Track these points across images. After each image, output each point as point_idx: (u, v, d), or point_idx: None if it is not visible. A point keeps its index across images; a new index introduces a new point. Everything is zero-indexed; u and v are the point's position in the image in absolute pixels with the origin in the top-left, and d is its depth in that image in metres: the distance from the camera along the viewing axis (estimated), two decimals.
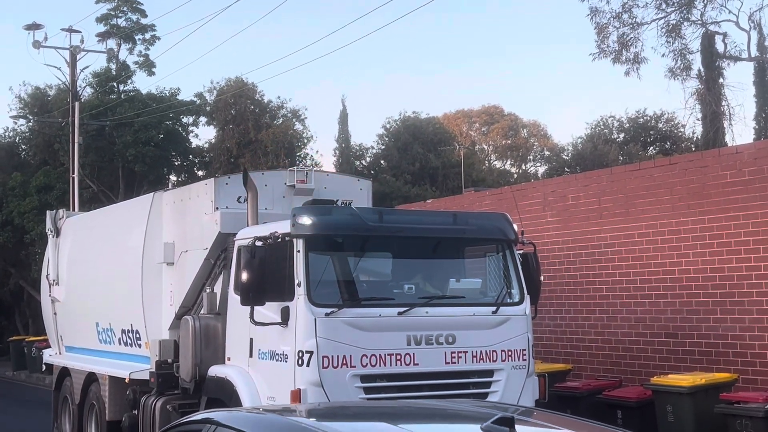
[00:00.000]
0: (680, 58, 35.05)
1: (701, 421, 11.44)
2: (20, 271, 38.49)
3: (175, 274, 12.59)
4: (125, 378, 12.96)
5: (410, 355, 9.77)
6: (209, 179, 12.34)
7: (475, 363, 10.04)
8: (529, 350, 10.38)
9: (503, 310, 10.30)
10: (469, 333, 10.05)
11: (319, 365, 9.45)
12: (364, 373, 9.62)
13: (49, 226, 16.72)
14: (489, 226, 10.68)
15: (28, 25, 32.97)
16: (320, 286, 9.73)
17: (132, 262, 13.11)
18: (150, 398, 12.20)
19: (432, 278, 10.66)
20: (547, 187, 17.04)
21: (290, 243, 9.81)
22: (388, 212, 10.92)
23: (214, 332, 11.26)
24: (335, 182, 12.74)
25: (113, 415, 13.62)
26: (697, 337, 13.40)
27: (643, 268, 14.26)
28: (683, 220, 13.63)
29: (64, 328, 16.08)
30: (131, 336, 13.31)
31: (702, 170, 13.50)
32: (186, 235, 12.41)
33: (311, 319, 9.50)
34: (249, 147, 37.68)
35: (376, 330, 9.72)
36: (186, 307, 12.29)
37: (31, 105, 39.50)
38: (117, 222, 14.80)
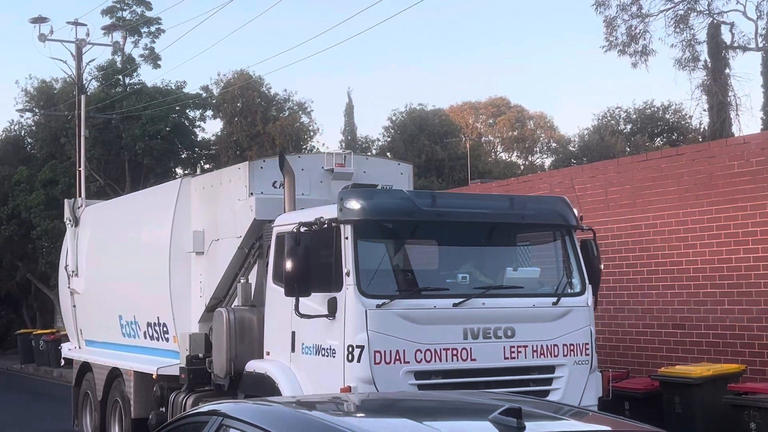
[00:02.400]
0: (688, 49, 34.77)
1: (709, 412, 11.16)
2: (27, 264, 38.47)
3: (205, 264, 12.01)
4: (152, 374, 12.38)
5: (467, 350, 9.17)
6: (242, 163, 11.73)
7: (535, 358, 9.45)
8: (592, 344, 9.76)
9: (564, 301, 9.69)
10: (528, 326, 9.45)
11: (370, 361, 8.86)
12: (419, 369, 9.01)
13: (67, 215, 16.15)
14: (548, 210, 10.06)
15: (33, 19, 32.72)
16: (370, 275, 9.14)
17: (158, 252, 12.57)
18: (180, 395, 11.61)
19: (487, 267, 10.02)
20: (554, 178, 16.76)
21: (337, 229, 9.23)
22: (441, 195, 10.29)
23: (250, 325, 10.67)
24: (375, 166, 12.13)
25: (139, 413, 13.06)
26: (705, 328, 13.15)
27: (651, 259, 14.01)
28: (690, 211, 13.39)
29: (84, 321, 15.51)
30: (158, 329, 12.75)
31: (709, 161, 13.24)
32: (217, 222, 11.81)
33: (361, 311, 8.91)
34: (256, 139, 37.70)
35: (430, 323, 9.13)
36: (217, 298, 11.72)
37: (37, 98, 39.47)
38: (142, 210, 14.24)
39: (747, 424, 10.52)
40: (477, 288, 9.52)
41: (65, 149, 36.14)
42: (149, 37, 39.95)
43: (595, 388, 9.72)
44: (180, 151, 39.34)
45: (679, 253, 13.54)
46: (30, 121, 40.39)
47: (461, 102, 54.47)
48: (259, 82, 39.32)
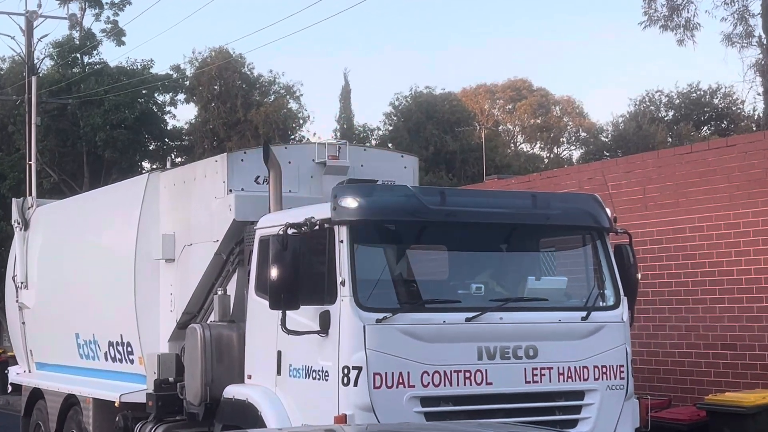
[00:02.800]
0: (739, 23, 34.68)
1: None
2: None
3: (177, 272, 12.00)
4: (114, 401, 12.35)
5: (482, 372, 9.08)
6: (220, 155, 11.66)
7: (562, 382, 9.36)
8: (628, 366, 9.68)
9: (595, 315, 9.60)
10: (554, 344, 9.38)
11: (369, 385, 8.78)
12: (426, 395, 8.94)
13: (15, 217, 16.12)
14: (576, 210, 9.97)
15: None
16: (369, 285, 9.08)
17: (122, 259, 12.55)
18: (147, 425, 11.61)
19: (505, 276, 9.98)
20: (583, 173, 16.77)
21: (331, 231, 9.17)
22: (452, 192, 10.21)
23: (229, 343, 10.61)
24: (374, 158, 12.11)
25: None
26: (759, 349, 13.17)
27: (696, 268, 14.03)
28: (743, 212, 13.41)
29: (35, 340, 15.49)
30: (121, 349, 12.71)
31: (764, 153, 13.30)
32: (190, 224, 11.80)
33: (359, 326, 8.83)
34: (236, 128, 37.82)
35: (439, 340, 9.05)
36: (191, 313, 11.69)
37: None
38: (103, 210, 14.17)
39: None
40: (493, 300, 9.47)
41: (13, 139, 36.34)
42: (112, 9, 40.25)
43: (631, 417, 9.64)
44: (147, 142, 39.47)
45: (729, 261, 13.56)
46: None
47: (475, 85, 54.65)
48: (240, 61, 39.39)
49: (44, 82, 34.25)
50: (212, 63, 39.02)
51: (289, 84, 40.85)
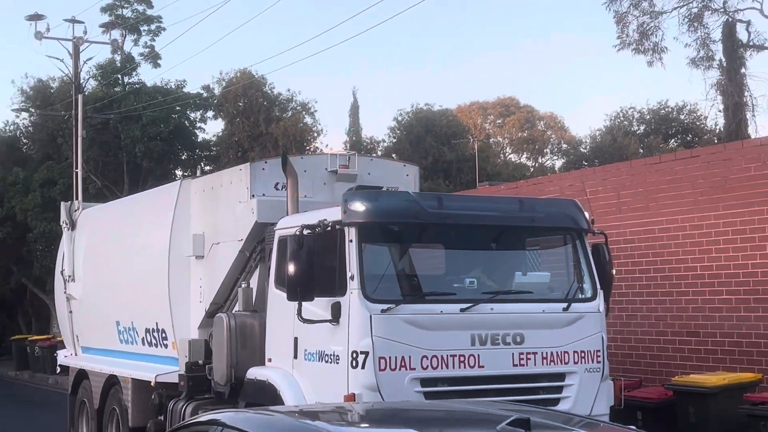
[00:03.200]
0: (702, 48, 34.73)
1: (724, 422, 11.15)
2: (22, 268, 38.40)
3: (205, 268, 11.92)
4: (151, 381, 12.32)
5: (475, 357, 9.05)
6: (244, 164, 11.64)
7: (545, 365, 9.31)
8: (604, 351, 9.64)
9: (575, 306, 9.54)
10: (538, 332, 9.31)
11: (375, 367, 8.74)
12: (425, 377, 8.90)
13: (63, 218, 16.09)
14: (558, 213, 9.92)
15: (30, 16, 32.80)
16: (375, 279, 9.02)
17: (157, 256, 12.46)
18: (179, 403, 11.54)
19: (495, 271, 9.88)
20: (564, 181, 16.75)
21: (341, 232, 9.12)
22: (448, 198, 10.20)
23: (251, 331, 10.58)
24: (380, 167, 12.01)
25: (137, 421, 12.98)
26: (720, 336, 13.13)
27: (664, 265, 13.98)
28: (705, 215, 13.37)
29: (80, 327, 15.43)
30: (156, 336, 12.66)
31: (725, 163, 13.22)
32: (217, 225, 11.72)
33: (366, 315, 8.81)
34: (258, 140, 37.70)
35: (437, 328, 9.00)
36: (218, 303, 11.62)
37: (33, 98, 39.41)
38: (140, 213, 14.16)
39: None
40: (485, 293, 9.39)
41: (62, 150, 36.14)
42: (149, 35, 40.00)
43: (606, 396, 9.60)
44: (180, 153, 39.30)
45: (693, 259, 13.52)
46: (26, 121, 40.57)
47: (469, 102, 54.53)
48: (262, 81, 39.28)
49: (89, 99, 34.10)
50: (237, 83, 38.94)
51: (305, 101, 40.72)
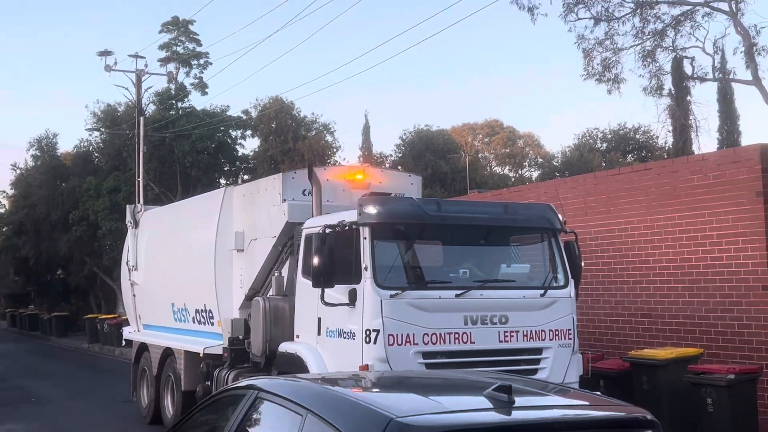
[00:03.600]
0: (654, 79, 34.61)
1: (672, 389, 11.00)
2: (94, 259, 38.60)
3: (245, 259, 11.85)
4: (199, 353, 12.29)
5: (467, 334, 8.98)
6: (277, 174, 11.58)
7: (526, 341, 9.24)
8: (574, 330, 9.56)
9: (550, 293, 9.49)
10: (520, 314, 9.24)
11: (385, 343, 8.68)
12: (426, 350, 8.83)
13: (128, 218, 16.05)
14: (537, 215, 9.84)
15: (100, 52, 32.91)
16: (385, 270, 8.94)
17: (206, 249, 12.40)
18: (223, 371, 11.48)
19: (484, 263, 9.75)
20: (540, 189, 16.56)
21: (357, 230, 9.06)
22: (445, 203, 10.08)
23: (283, 312, 10.52)
24: (389, 177, 11.92)
25: (188, 386, 12.95)
26: (668, 317, 13.03)
27: (622, 258, 13.86)
28: (656, 218, 13.27)
29: (142, 308, 15.41)
30: (204, 315, 12.62)
31: (673, 175, 13.12)
32: (255, 224, 11.67)
33: (377, 300, 8.74)
34: (288, 155, 37.76)
35: (436, 311, 8.92)
36: (255, 289, 11.56)
37: (103, 119, 39.52)
38: (192, 214, 14.10)
39: (704, 400, 10.41)
40: (476, 281, 9.32)
41: (127, 162, 36.25)
42: (198, 68, 40.11)
43: (576, 367, 9.53)
44: (223, 165, 39.41)
45: (646, 253, 13.42)
46: (97, 139, 40.62)
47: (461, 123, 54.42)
48: (291, 106, 39.45)
49: (149, 121, 34.15)
50: (270, 107, 39.01)
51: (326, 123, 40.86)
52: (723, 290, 12.23)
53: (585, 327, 14.29)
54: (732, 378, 10.25)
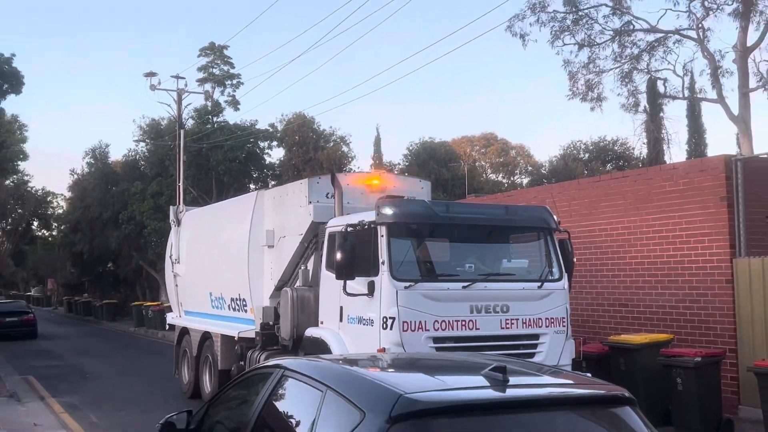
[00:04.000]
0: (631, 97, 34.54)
1: (646, 370, 10.89)
2: (140, 254, 38.72)
3: (275, 254, 11.75)
4: (234, 336, 12.20)
5: (473, 321, 8.85)
6: (303, 180, 11.46)
7: (524, 328, 9.09)
8: (567, 318, 9.40)
9: (547, 285, 9.33)
10: (519, 304, 9.11)
11: (400, 329, 8.56)
12: (436, 336, 8.70)
13: (172, 217, 15.96)
14: (534, 216, 9.70)
15: (146, 73, 32.92)
16: (400, 264, 8.82)
17: (240, 245, 12.31)
18: (255, 352, 11.40)
19: (487, 259, 9.62)
20: (530, 194, 16.43)
21: (375, 229, 8.94)
22: (453, 205, 9.94)
23: (308, 301, 10.41)
24: (402, 182, 11.82)
25: (224, 365, 12.91)
26: (643, 307, 12.94)
27: (603, 255, 13.75)
28: (633, 219, 13.17)
29: (183, 296, 15.33)
30: (239, 303, 12.52)
31: (647, 182, 13.02)
32: (284, 223, 11.57)
33: (393, 291, 8.62)
34: (309, 163, 37.84)
35: (445, 300, 8.79)
36: (284, 281, 11.45)
37: (148, 132, 39.68)
38: (228, 214, 13.98)
39: (674, 380, 10.33)
40: (480, 274, 9.19)
41: (168, 169, 36.38)
42: (231, 87, 40.25)
43: (569, 351, 9.38)
44: (252, 172, 39.53)
45: (624, 251, 13.32)
46: (143, 149, 40.78)
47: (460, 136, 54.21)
48: (312, 120, 39.54)
49: (188, 133, 34.23)
50: (294, 122, 39.07)
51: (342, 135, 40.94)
52: (691, 283, 12.17)
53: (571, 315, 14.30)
54: (699, 360, 10.17)
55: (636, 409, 4.05)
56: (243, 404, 5.03)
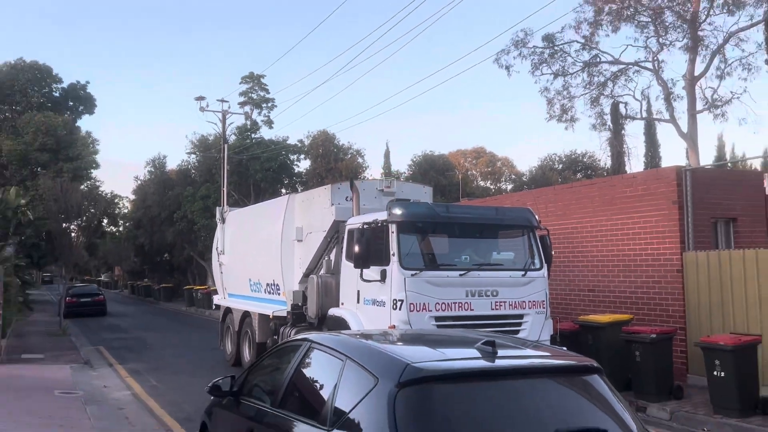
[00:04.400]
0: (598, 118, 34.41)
1: (610, 345, 10.81)
2: (191, 246, 38.72)
3: (303, 247, 11.73)
4: (269, 315, 12.19)
5: (468, 304, 8.81)
6: (327, 186, 11.42)
7: (511, 309, 9.05)
8: (546, 301, 9.33)
9: (529, 274, 9.28)
10: (507, 289, 9.06)
11: (407, 309, 8.54)
12: (437, 315, 8.67)
13: (218, 216, 15.98)
14: (519, 216, 9.64)
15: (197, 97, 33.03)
16: (407, 255, 8.80)
17: (274, 240, 12.29)
18: (286, 328, 11.37)
19: (480, 251, 9.56)
20: (513, 198, 16.34)
21: (387, 226, 8.92)
22: (451, 206, 9.88)
23: (331, 286, 10.39)
24: (408, 188, 11.76)
25: (261, 339, 12.92)
26: (608, 292, 12.86)
27: (574, 249, 13.67)
28: (599, 219, 13.09)
29: (227, 281, 15.31)
30: (273, 288, 12.51)
31: (611, 188, 12.94)
32: (311, 221, 11.53)
33: (402, 278, 8.59)
34: (330, 172, 37.63)
35: (445, 286, 8.75)
36: (310, 269, 11.41)
37: (198, 146, 39.66)
38: (264, 214, 13.92)
39: (634, 353, 10.26)
40: (474, 264, 9.16)
41: (215, 177, 36.36)
42: (267, 109, 40.26)
43: (548, 329, 9.33)
44: (283, 179, 39.42)
45: (592, 245, 13.25)
46: (194, 159, 40.74)
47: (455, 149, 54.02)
48: (333, 137, 39.48)
49: (231, 147, 34.22)
50: (318, 137, 39.03)
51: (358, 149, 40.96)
52: (648, 272, 12.10)
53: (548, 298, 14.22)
54: (654, 337, 10.10)
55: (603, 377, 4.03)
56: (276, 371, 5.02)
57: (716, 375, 9.09)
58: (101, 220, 39.49)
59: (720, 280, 11.01)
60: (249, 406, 5.02)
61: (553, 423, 3.61)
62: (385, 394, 3.63)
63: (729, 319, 10.86)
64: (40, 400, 10.18)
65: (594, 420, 3.76)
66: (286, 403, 4.54)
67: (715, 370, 9.11)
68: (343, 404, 3.90)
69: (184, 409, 10.16)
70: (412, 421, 3.50)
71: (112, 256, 56.15)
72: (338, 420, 3.85)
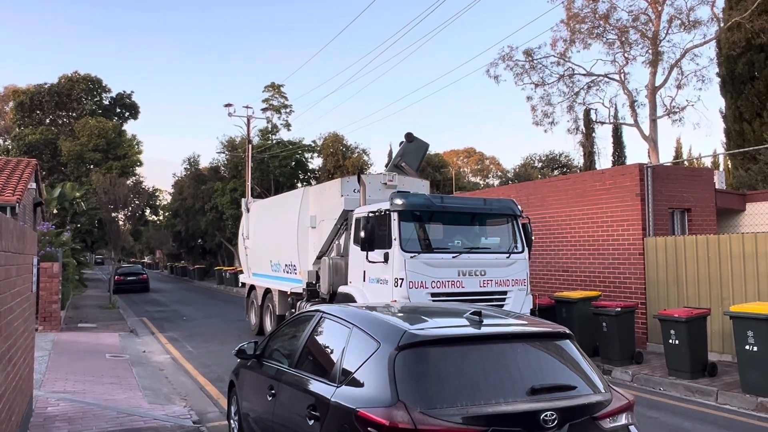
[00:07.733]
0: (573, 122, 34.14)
1: (581, 318, 10.76)
2: (221, 233, 38.72)
3: (316, 233, 11.71)
4: (288, 291, 12.24)
5: (459, 282, 8.80)
6: (337, 179, 11.38)
7: (496, 287, 9.04)
8: (527, 280, 9.31)
9: (513, 256, 9.26)
10: (493, 269, 9.04)
11: (407, 286, 8.54)
12: (433, 292, 8.67)
13: (243, 207, 15.95)
14: (504, 206, 9.61)
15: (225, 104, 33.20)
16: (407, 240, 8.79)
17: (292, 226, 12.27)
18: (302, 302, 11.39)
19: (470, 237, 9.57)
20: (499, 191, 16.29)
21: (389, 215, 8.91)
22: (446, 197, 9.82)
23: (340, 267, 10.40)
24: (409, 181, 11.69)
25: (280, 312, 12.92)
26: (579, 272, 12.84)
27: (551, 234, 13.63)
28: (573, 209, 13.05)
29: (251, 263, 15.29)
30: (290, 268, 12.51)
31: (583, 182, 12.88)
32: (323, 210, 11.51)
33: (402, 259, 8.59)
34: (340, 169, 37.48)
35: (440, 266, 8.74)
36: (322, 252, 11.41)
37: (226, 146, 39.51)
38: (283, 204, 13.86)
39: (601, 324, 10.24)
40: (465, 248, 9.13)
41: (241, 173, 36.31)
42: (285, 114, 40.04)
43: (528, 304, 9.31)
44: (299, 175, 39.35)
45: (566, 232, 13.22)
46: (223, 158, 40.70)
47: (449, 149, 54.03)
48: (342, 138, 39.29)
49: (254, 147, 34.20)
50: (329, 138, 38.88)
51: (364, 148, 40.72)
52: (614, 255, 12.08)
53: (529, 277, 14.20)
54: (618, 310, 10.08)
55: (574, 342, 4.06)
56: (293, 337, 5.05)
57: (671, 343, 9.12)
58: (144, 210, 39.60)
59: (675, 261, 11.02)
60: (270, 367, 5.06)
61: (530, 380, 3.64)
62: (386, 355, 3.67)
63: (683, 294, 10.88)
64: (94, 361, 10.27)
65: (565, 378, 3.79)
66: (301, 364, 4.58)
67: (670, 339, 9.13)
68: (350, 365, 3.93)
69: (214, 371, 10.22)
70: (408, 378, 3.53)
71: (153, 240, 56.32)
72: (346, 378, 3.89)
